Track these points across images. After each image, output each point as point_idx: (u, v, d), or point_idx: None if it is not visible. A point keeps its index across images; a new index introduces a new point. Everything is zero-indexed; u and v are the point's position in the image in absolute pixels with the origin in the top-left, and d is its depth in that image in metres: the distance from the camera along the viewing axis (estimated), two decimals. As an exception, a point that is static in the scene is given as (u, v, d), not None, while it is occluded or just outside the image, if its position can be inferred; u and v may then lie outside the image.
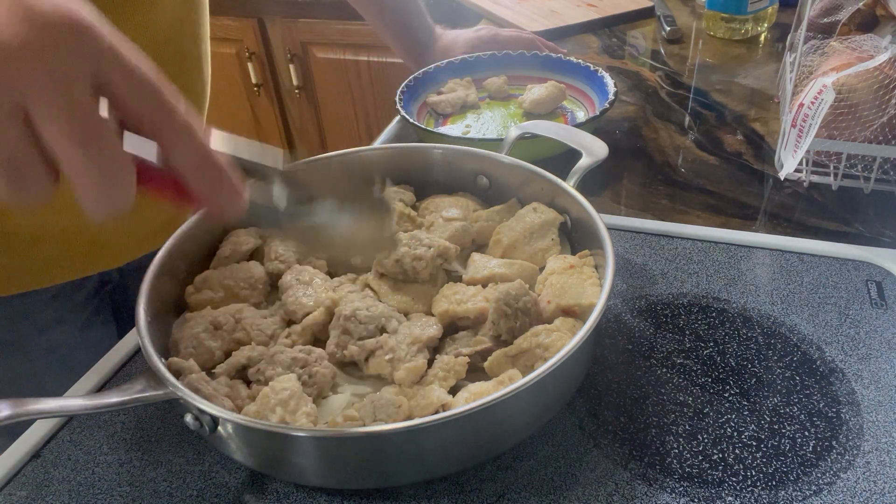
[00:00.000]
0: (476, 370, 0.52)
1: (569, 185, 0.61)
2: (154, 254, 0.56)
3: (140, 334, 0.49)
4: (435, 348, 0.54)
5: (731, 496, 0.47)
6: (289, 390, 0.48)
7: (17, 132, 0.29)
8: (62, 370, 0.71)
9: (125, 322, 0.77)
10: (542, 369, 0.44)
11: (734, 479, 0.48)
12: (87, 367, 0.60)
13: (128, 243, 0.74)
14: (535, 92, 0.91)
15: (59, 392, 0.58)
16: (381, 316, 0.55)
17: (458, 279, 0.60)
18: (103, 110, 0.31)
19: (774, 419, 0.51)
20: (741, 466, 0.48)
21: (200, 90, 0.76)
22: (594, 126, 0.84)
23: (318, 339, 0.56)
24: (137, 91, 0.31)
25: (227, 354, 0.54)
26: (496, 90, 0.96)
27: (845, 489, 0.47)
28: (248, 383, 0.52)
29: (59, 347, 0.73)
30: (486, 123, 0.91)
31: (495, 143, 0.70)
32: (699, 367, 0.56)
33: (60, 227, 0.67)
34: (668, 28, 1.17)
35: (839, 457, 0.49)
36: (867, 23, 0.81)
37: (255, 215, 0.40)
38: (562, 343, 0.49)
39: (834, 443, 0.50)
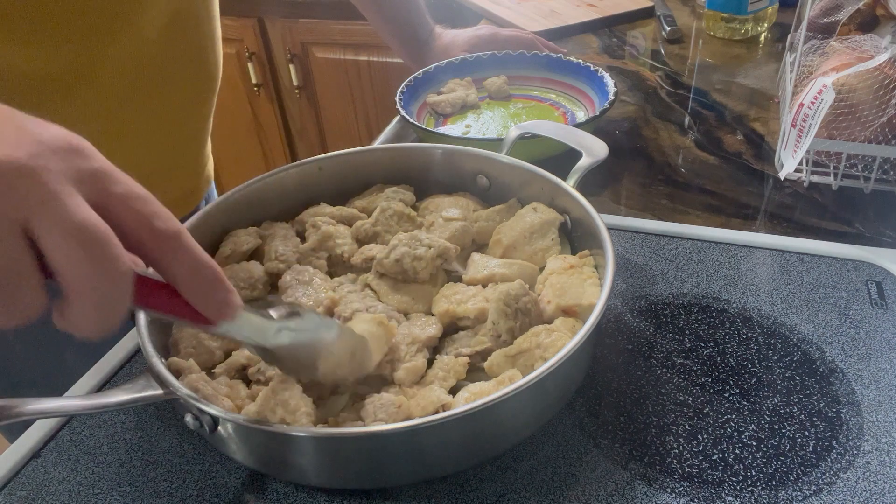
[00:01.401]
0: (476, 370, 0.52)
1: (569, 185, 0.61)
2: None
3: (140, 334, 0.49)
4: (435, 348, 0.54)
5: (731, 496, 0.47)
6: (289, 390, 0.48)
7: (15, 246, 0.29)
8: (81, 346, 0.71)
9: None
10: (542, 369, 0.44)
11: (734, 479, 0.48)
12: (107, 344, 0.60)
13: None
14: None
15: (78, 367, 0.58)
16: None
17: (458, 279, 0.60)
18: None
19: (774, 419, 0.51)
20: (741, 466, 0.48)
21: (211, 80, 0.77)
22: (594, 126, 0.84)
23: (318, 339, 0.56)
24: (127, 211, 0.32)
25: (227, 354, 0.54)
26: (496, 90, 0.96)
27: (845, 489, 0.47)
28: (248, 383, 0.52)
29: None
30: (486, 123, 0.91)
31: (495, 143, 0.70)
32: (699, 367, 0.56)
33: None
34: (668, 28, 1.17)
35: (839, 457, 0.49)
36: (867, 23, 0.81)
37: (247, 323, 0.41)
38: (562, 343, 0.49)
39: (834, 443, 0.50)
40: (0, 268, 0.29)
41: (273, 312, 0.43)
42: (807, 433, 0.50)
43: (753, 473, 0.48)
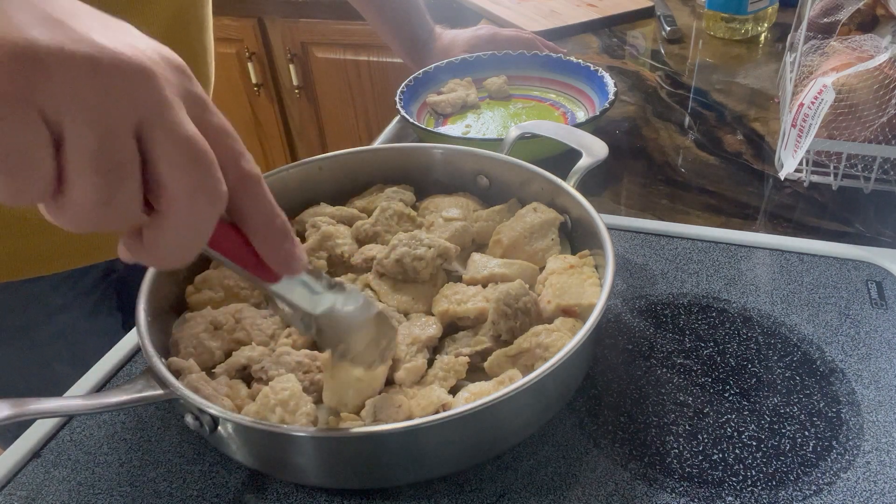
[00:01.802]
0: (476, 370, 0.52)
1: (569, 185, 0.61)
2: None
3: (140, 334, 0.49)
4: (435, 348, 0.54)
5: (731, 496, 0.47)
6: (288, 390, 0.48)
7: (126, 146, 0.29)
8: (70, 356, 0.72)
9: (129, 314, 0.78)
10: (542, 369, 0.44)
11: (734, 479, 0.48)
12: (94, 354, 0.60)
13: None
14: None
15: (66, 377, 0.58)
16: (381, 316, 0.55)
17: (458, 279, 0.60)
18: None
19: (774, 419, 0.51)
20: (741, 466, 0.48)
21: (205, 83, 0.77)
22: (594, 126, 0.84)
23: (318, 339, 0.56)
24: (222, 142, 0.32)
25: (227, 354, 0.54)
26: (496, 90, 0.96)
27: (845, 489, 0.47)
28: (248, 383, 0.52)
29: (66, 333, 0.74)
30: (486, 123, 0.91)
31: (495, 143, 0.70)
32: (699, 367, 0.56)
33: None
34: (668, 28, 1.17)
35: (839, 457, 0.49)
36: (867, 23, 0.81)
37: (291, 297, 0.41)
38: (562, 343, 0.49)
39: (834, 443, 0.50)
40: (109, 163, 0.28)
41: (320, 283, 0.42)
42: (807, 433, 0.50)
43: (753, 473, 0.48)
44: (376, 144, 0.91)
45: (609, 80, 0.89)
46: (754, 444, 0.50)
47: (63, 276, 0.72)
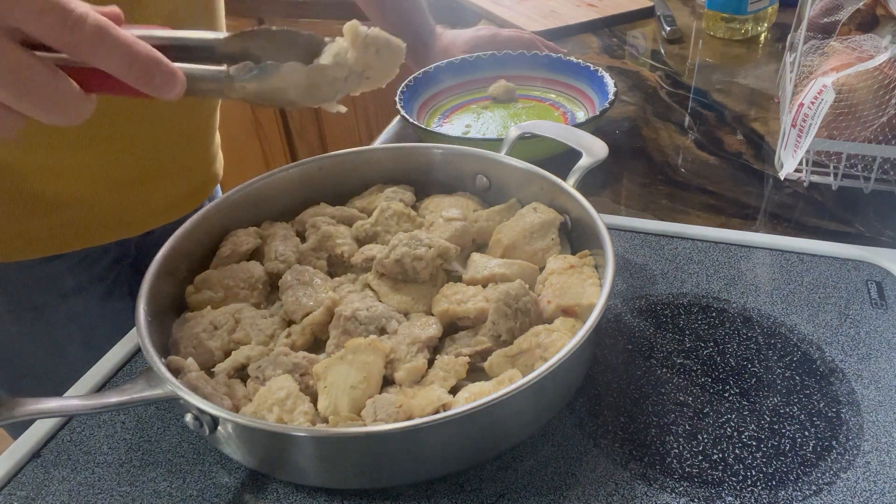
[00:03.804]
0: (476, 370, 0.52)
1: (569, 185, 0.61)
2: (169, 226, 0.57)
3: (140, 334, 0.49)
4: (435, 348, 0.54)
5: (731, 496, 0.47)
6: (285, 390, 0.48)
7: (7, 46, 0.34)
8: (82, 339, 0.73)
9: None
10: (542, 369, 0.44)
11: (734, 479, 0.48)
12: (107, 338, 0.61)
13: (146, 213, 0.76)
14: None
15: (78, 360, 0.59)
16: (381, 316, 0.55)
17: (458, 279, 0.60)
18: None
19: (774, 419, 0.51)
20: (741, 466, 0.48)
21: None
22: (594, 126, 0.84)
23: (318, 339, 0.56)
24: (40, 20, 0.35)
25: (227, 354, 0.54)
26: (503, 93, 0.96)
27: (845, 489, 0.47)
28: (246, 383, 0.52)
29: (79, 316, 0.75)
30: (486, 123, 0.91)
31: (495, 143, 0.70)
32: (699, 367, 0.56)
33: (82, 193, 0.69)
34: (668, 28, 1.17)
35: (839, 457, 0.49)
36: (867, 23, 0.81)
37: (202, 85, 0.41)
38: (562, 343, 0.49)
39: (834, 443, 0.50)
40: (11, 68, 0.34)
41: (232, 70, 0.42)
42: (807, 433, 0.50)
43: (753, 473, 0.48)
44: (376, 144, 0.91)
45: (609, 80, 0.89)
46: (754, 444, 0.50)
47: (77, 259, 0.73)
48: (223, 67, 0.42)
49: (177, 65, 0.39)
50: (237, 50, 0.43)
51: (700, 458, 0.49)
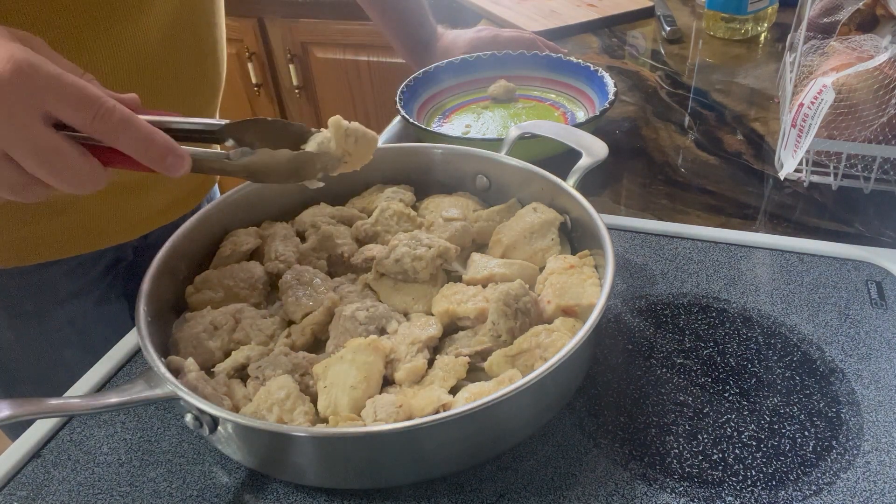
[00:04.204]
0: (476, 370, 0.52)
1: (569, 185, 0.61)
2: (166, 229, 0.58)
3: (140, 334, 0.49)
4: (435, 348, 0.54)
5: (731, 496, 0.47)
6: (285, 390, 0.48)
7: (4, 169, 0.40)
8: (79, 343, 0.74)
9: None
10: (542, 369, 0.44)
11: (734, 479, 0.48)
12: (104, 342, 0.61)
13: (143, 217, 0.76)
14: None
15: (76, 364, 0.59)
16: (382, 316, 0.55)
17: (458, 279, 0.60)
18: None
19: (774, 419, 0.51)
20: (741, 466, 0.48)
21: (215, 82, 0.77)
22: (594, 126, 0.84)
23: (318, 339, 0.56)
24: (76, 111, 0.40)
25: (227, 354, 0.54)
26: (503, 93, 0.96)
27: (845, 489, 0.47)
28: (246, 383, 0.52)
29: (77, 320, 0.76)
30: (486, 123, 0.91)
31: (495, 143, 0.70)
32: (699, 367, 0.56)
33: (79, 199, 0.69)
34: (668, 28, 1.17)
35: (839, 457, 0.49)
36: (867, 23, 0.81)
37: (205, 164, 0.48)
38: (562, 343, 0.49)
39: (834, 443, 0.50)
40: (41, 154, 0.40)
41: (231, 153, 0.49)
42: (807, 433, 0.50)
43: (753, 473, 0.48)
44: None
45: (609, 80, 0.89)
46: (754, 444, 0.50)
47: (74, 264, 0.74)
48: (223, 151, 0.49)
49: (186, 147, 0.45)
50: (236, 135, 0.49)
51: (700, 458, 0.49)
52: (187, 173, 0.45)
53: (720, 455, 0.49)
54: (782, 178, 0.75)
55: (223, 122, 0.49)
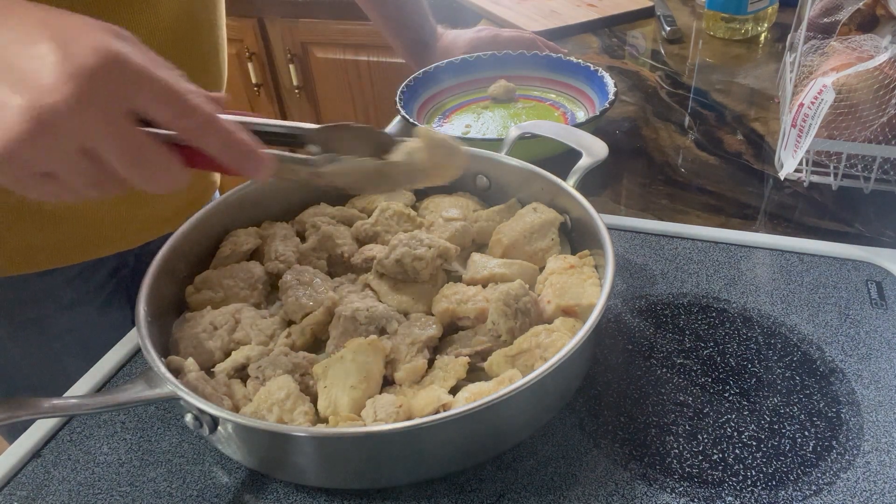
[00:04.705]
0: (476, 370, 0.52)
1: (569, 185, 0.61)
2: (168, 237, 0.58)
3: (140, 334, 0.49)
4: (435, 348, 0.54)
5: (731, 496, 0.47)
6: (285, 390, 0.48)
7: (86, 165, 0.38)
8: (80, 350, 0.73)
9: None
10: (542, 369, 0.44)
11: (734, 479, 0.48)
12: (104, 349, 0.61)
13: (145, 225, 0.76)
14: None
15: (77, 371, 0.59)
16: (382, 316, 0.55)
17: (458, 279, 0.60)
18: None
19: (774, 419, 0.51)
20: (741, 466, 0.48)
21: (217, 81, 0.77)
22: (594, 126, 0.84)
23: (318, 339, 0.56)
24: (162, 107, 0.38)
25: (227, 354, 0.54)
26: (503, 93, 0.96)
27: (845, 489, 0.47)
28: (246, 383, 0.52)
29: (78, 328, 0.75)
30: (486, 123, 0.91)
31: (495, 143, 0.70)
32: (699, 367, 0.56)
33: (81, 207, 0.69)
34: (668, 28, 1.17)
35: (839, 457, 0.49)
36: (867, 23, 0.81)
37: (287, 169, 0.47)
38: (562, 343, 0.49)
39: (834, 443, 0.50)
40: (129, 150, 0.38)
41: (318, 158, 0.47)
42: (807, 433, 0.50)
43: (753, 473, 0.48)
44: (376, 144, 0.91)
45: (609, 80, 0.89)
46: (754, 444, 0.50)
47: (76, 272, 0.73)
48: (308, 156, 0.47)
49: (270, 151, 0.44)
50: (321, 140, 0.47)
51: (700, 458, 0.49)
52: (268, 177, 0.44)
53: (720, 455, 0.49)
54: (782, 178, 0.75)
55: (311, 126, 0.48)
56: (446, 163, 0.51)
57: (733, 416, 0.52)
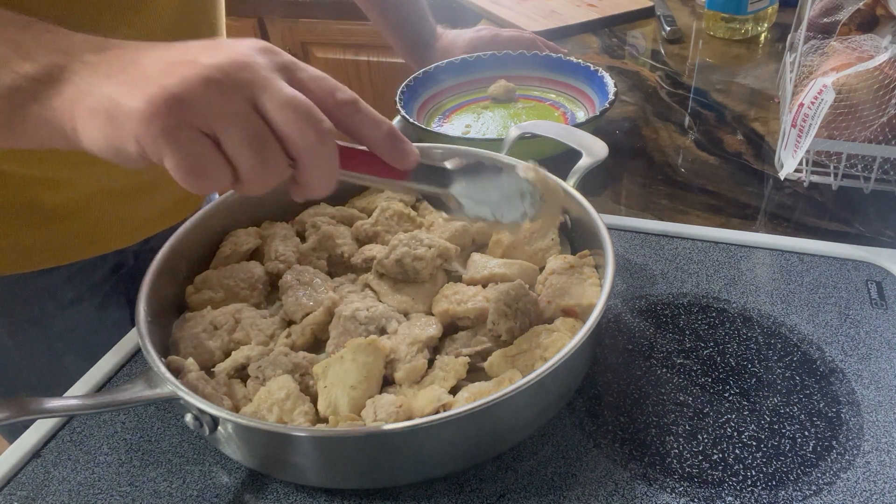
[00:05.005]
0: (476, 370, 0.52)
1: (569, 185, 0.61)
2: (167, 233, 0.58)
3: (140, 334, 0.49)
4: (435, 348, 0.54)
5: (731, 496, 0.47)
6: (285, 390, 0.48)
7: (254, 118, 0.39)
8: (80, 349, 0.74)
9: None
10: (542, 369, 0.44)
11: (734, 479, 0.48)
12: (104, 348, 0.61)
13: (143, 222, 0.76)
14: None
15: (76, 370, 0.59)
16: (381, 316, 0.55)
17: (458, 279, 0.60)
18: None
19: (774, 419, 0.51)
20: (741, 466, 0.48)
21: None
22: (594, 126, 0.84)
23: (318, 339, 0.56)
24: (317, 87, 0.42)
25: (227, 354, 0.54)
26: (503, 93, 0.96)
27: (845, 489, 0.47)
28: (246, 383, 0.52)
29: (77, 326, 0.75)
30: (486, 123, 0.91)
31: (495, 143, 0.70)
32: (699, 367, 0.56)
33: (80, 205, 0.69)
34: (668, 28, 1.17)
35: (839, 457, 0.49)
36: (867, 23, 0.81)
37: (426, 175, 0.48)
38: (562, 343, 0.49)
39: (834, 443, 0.50)
40: (250, 137, 0.39)
41: (448, 164, 0.49)
42: (807, 433, 0.50)
43: (753, 473, 0.48)
44: (376, 144, 0.91)
45: (609, 80, 0.89)
46: (754, 444, 0.50)
47: (75, 270, 0.73)
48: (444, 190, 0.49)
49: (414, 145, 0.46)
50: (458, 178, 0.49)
51: (700, 458, 0.49)
52: (411, 166, 0.45)
53: (720, 455, 0.49)
54: (782, 178, 0.75)
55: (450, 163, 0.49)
56: (552, 202, 0.53)
57: (733, 416, 0.52)
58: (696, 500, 0.47)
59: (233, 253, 0.61)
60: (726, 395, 0.54)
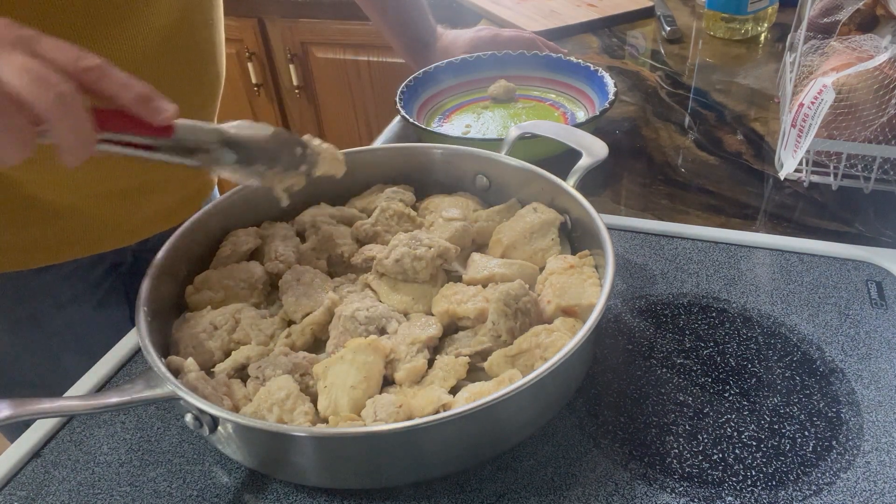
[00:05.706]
0: (476, 370, 0.52)
1: (569, 185, 0.61)
2: (165, 234, 0.58)
3: (140, 334, 0.49)
4: (435, 348, 0.54)
5: (731, 496, 0.47)
6: (285, 390, 0.48)
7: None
8: (78, 348, 0.74)
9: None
10: (542, 369, 0.44)
11: (734, 479, 0.48)
12: (102, 346, 0.61)
13: (141, 222, 0.76)
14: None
15: (74, 368, 0.59)
16: (381, 316, 0.55)
17: (458, 279, 0.60)
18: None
19: (774, 419, 0.51)
20: (741, 466, 0.48)
21: (214, 81, 0.77)
22: (594, 126, 0.84)
23: (318, 339, 0.56)
24: (60, 52, 0.42)
25: (227, 354, 0.54)
26: (503, 93, 0.96)
27: (845, 489, 0.47)
28: (246, 383, 0.52)
29: (75, 325, 0.76)
30: (486, 123, 0.91)
31: (495, 143, 0.70)
32: (699, 367, 0.56)
33: (77, 204, 0.69)
34: (668, 28, 1.17)
35: (839, 457, 0.49)
36: (867, 23, 0.81)
37: (193, 129, 0.48)
38: (562, 343, 0.49)
39: (834, 443, 0.50)
40: (27, 69, 0.40)
41: (227, 129, 0.50)
42: (807, 433, 0.50)
43: (753, 473, 0.48)
44: (376, 144, 0.91)
45: (609, 80, 0.89)
46: (754, 444, 0.50)
47: (73, 268, 0.73)
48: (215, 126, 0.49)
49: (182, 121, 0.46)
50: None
51: (700, 458, 0.49)
52: (173, 120, 0.45)
53: (720, 455, 0.49)
54: (782, 178, 0.75)
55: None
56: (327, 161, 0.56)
57: (733, 416, 0.52)
58: (696, 500, 0.47)
59: (233, 253, 0.61)
60: (726, 395, 0.54)
